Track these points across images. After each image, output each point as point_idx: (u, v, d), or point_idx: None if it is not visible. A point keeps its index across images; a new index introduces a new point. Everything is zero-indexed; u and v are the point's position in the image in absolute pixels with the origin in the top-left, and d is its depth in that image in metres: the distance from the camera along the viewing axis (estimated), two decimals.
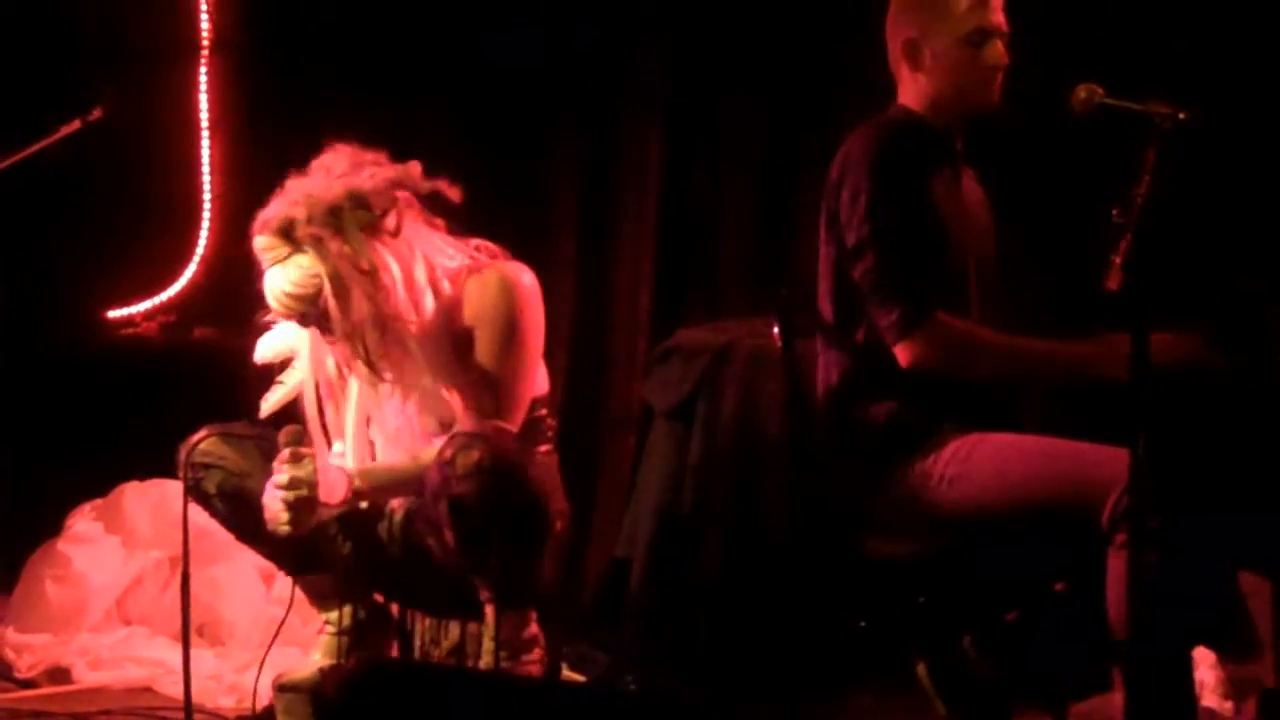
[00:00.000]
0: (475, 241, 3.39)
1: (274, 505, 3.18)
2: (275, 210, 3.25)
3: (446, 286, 3.30)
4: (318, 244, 3.20)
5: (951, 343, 3.02)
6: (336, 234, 3.21)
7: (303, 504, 3.17)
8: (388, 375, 3.31)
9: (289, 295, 3.23)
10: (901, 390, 3.07)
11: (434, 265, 3.30)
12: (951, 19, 3.13)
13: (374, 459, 3.37)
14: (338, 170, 3.27)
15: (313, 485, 3.17)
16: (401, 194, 3.28)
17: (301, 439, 3.22)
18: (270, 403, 3.39)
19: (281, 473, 3.18)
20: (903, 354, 3.03)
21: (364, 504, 3.38)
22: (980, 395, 3.07)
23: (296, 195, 3.25)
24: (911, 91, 3.20)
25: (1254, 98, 3.95)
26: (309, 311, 3.25)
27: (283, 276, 3.24)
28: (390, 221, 3.26)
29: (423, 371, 3.30)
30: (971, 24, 3.12)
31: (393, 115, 3.37)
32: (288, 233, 3.22)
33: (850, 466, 3.15)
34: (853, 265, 3.09)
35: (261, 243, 3.25)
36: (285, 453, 3.19)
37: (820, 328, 3.21)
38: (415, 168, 3.31)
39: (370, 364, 3.26)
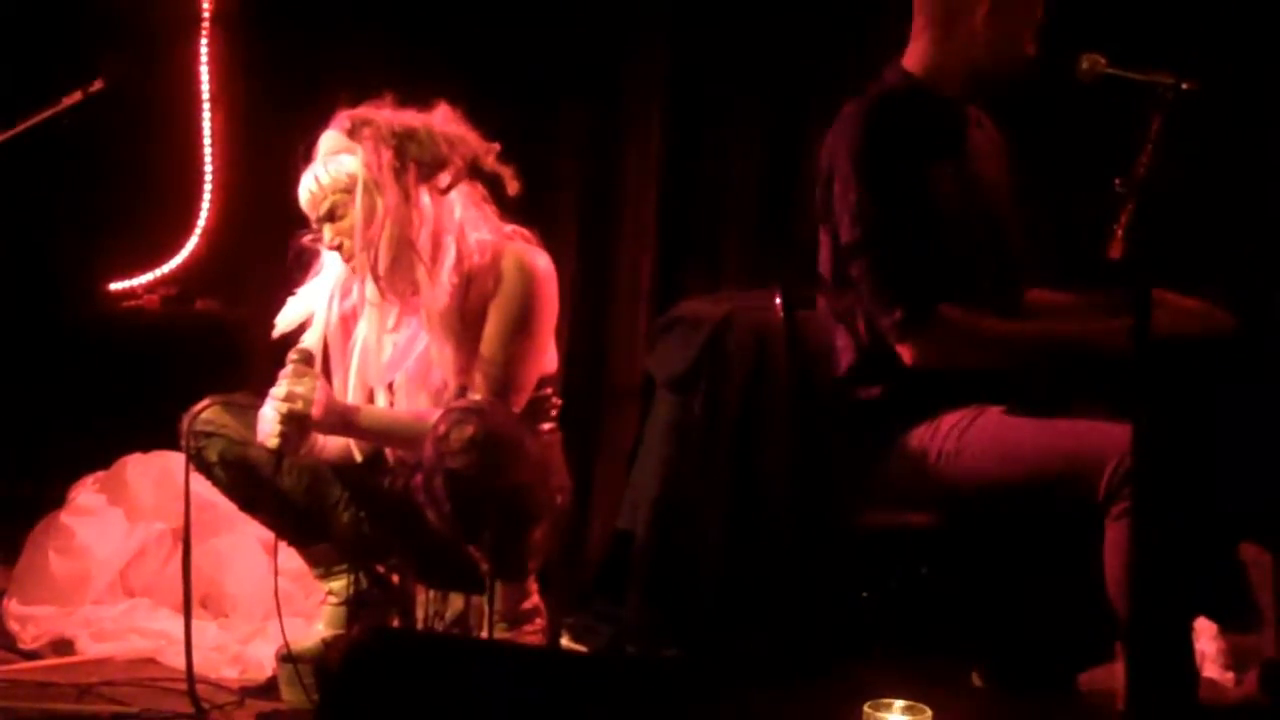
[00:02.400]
0: (512, 227, 3.40)
1: (268, 415, 3.20)
2: (359, 110, 3.33)
3: (475, 257, 3.32)
4: (373, 148, 3.26)
5: (955, 340, 3.02)
6: (393, 152, 3.26)
7: (296, 418, 3.19)
8: (393, 300, 3.34)
9: (319, 182, 3.30)
10: (903, 370, 3.07)
11: (466, 235, 3.33)
12: None
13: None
14: (436, 118, 3.33)
15: (309, 402, 3.19)
16: (467, 163, 3.32)
17: (309, 359, 3.25)
18: (284, 323, 3.40)
19: (281, 385, 3.20)
20: (906, 354, 3.03)
21: (360, 457, 3.40)
22: (978, 375, 3.07)
23: (384, 109, 3.32)
24: (932, 48, 3.17)
25: (1256, 66, 3.94)
26: (329, 205, 3.30)
27: (323, 166, 3.31)
28: (444, 178, 3.30)
29: (428, 320, 3.31)
30: None
31: (395, 87, 3.36)
32: (355, 130, 3.29)
33: (851, 439, 3.15)
34: (849, 263, 3.08)
35: (327, 134, 3.33)
36: (289, 367, 3.23)
37: (833, 312, 3.21)
38: (494, 147, 3.36)
39: (378, 280, 3.29)
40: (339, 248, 3.33)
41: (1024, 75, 3.15)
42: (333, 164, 3.30)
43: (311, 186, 3.32)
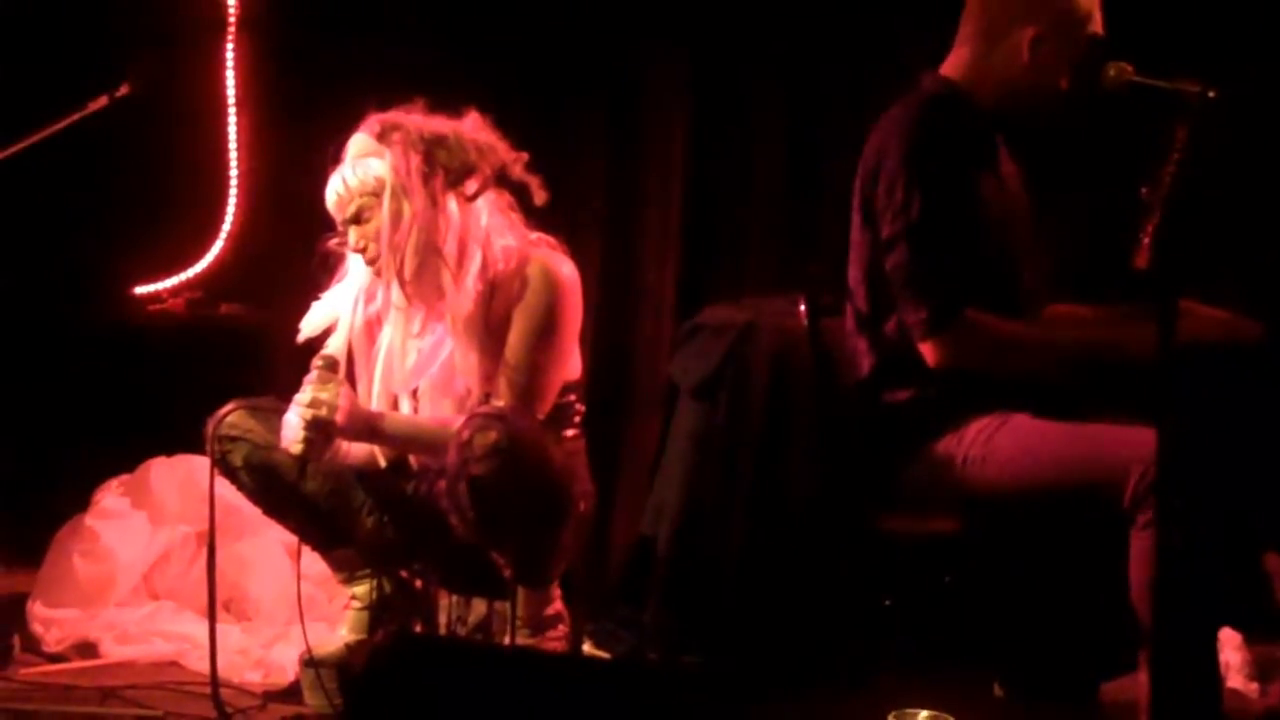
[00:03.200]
0: (537, 235, 3.40)
1: (292, 421, 3.21)
2: (389, 114, 3.33)
3: (500, 264, 3.32)
4: (402, 153, 3.27)
5: (978, 343, 3.02)
6: (421, 157, 3.27)
7: (320, 425, 3.20)
8: (419, 305, 3.34)
9: (346, 184, 3.30)
10: (928, 374, 3.06)
11: (491, 243, 3.33)
12: (1078, 24, 3.13)
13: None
14: (466, 125, 3.34)
15: (333, 408, 3.20)
16: (495, 171, 3.33)
17: (333, 365, 3.26)
18: (308, 327, 3.41)
19: (306, 391, 3.21)
20: (929, 353, 3.03)
21: (384, 462, 3.40)
22: (1004, 382, 3.07)
23: (414, 114, 3.33)
24: (974, 59, 3.17)
25: None
26: (356, 208, 3.30)
27: (351, 169, 3.31)
28: (471, 185, 3.31)
29: (452, 326, 3.31)
30: (1090, 30, 3.14)
31: (419, 90, 3.36)
32: (384, 135, 3.30)
33: (875, 446, 3.15)
34: (885, 257, 3.08)
35: (356, 137, 3.34)
36: (314, 373, 3.23)
37: (854, 314, 3.21)
38: (523, 156, 3.36)
39: (403, 285, 3.29)
40: (363, 250, 3.33)
41: (1054, 109, 3.15)
42: (361, 167, 3.31)
43: (339, 188, 3.32)
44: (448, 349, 3.36)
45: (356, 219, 3.32)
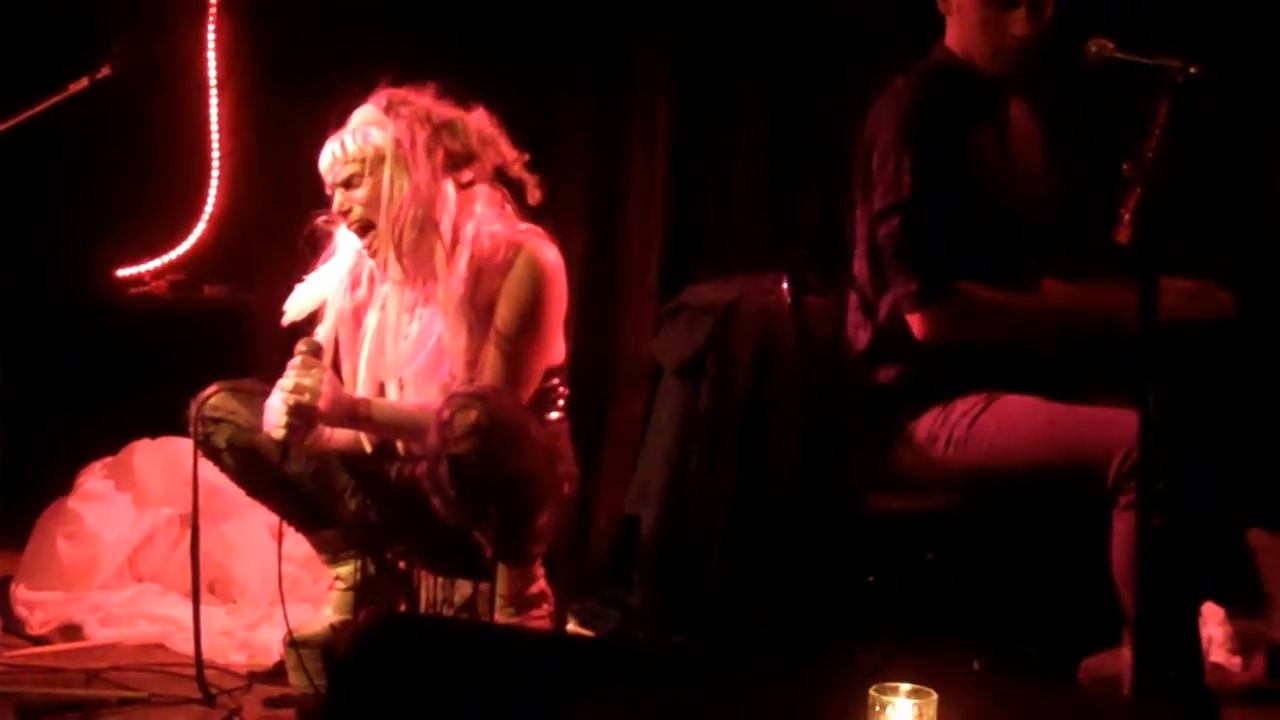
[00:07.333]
0: (526, 226, 3.40)
1: (275, 406, 3.20)
2: (401, 90, 3.35)
3: (487, 250, 3.32)
4: (407, 127, 3.28)
5: (966, 316, 3.02)
6: (428, 134, 3.28)
7: (303, 410, 3.19)
8: (414, 281, 3.34)
9: (344, 148, 3.31)
10: (918, 351, 3.07)
11: (481, 230, 3.33)
12: None
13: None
14: (472, 116, 3.35)
15: (316, 394, 3.20)
16: (494, 165, 3.35)
17: (317, 351, 3.25)
18: (293, 309, 3.41)
19: (289, 376, 3.20)
20: (916, 324, 3.03)
21: (369, 447, 3.41)
22: (993, 360, 3.07)
23: (424, 95, 3.34)
24: (955, 29, 3.17)
25: (1264, 50, 3.93)
26: (348, 173, 3.30)
27: (351, 135, 3.32)
28: (468, 173, 3.32)
29: (444, 308, 3.31)
30: None
31: (401, 71, 3.36)
32: (391, 108, 3.31)
33: (860, 423, 3.15)
34: (878, 228, 3.08)
35: (363, 107, 3.35)
36: (297, 359, 3.23)
37: (854, 288, 3.21)
38: (523, 156, 3.39)
39: (400, 259, 3.29)
40: (348, 213, 3.33)
41: (1020, 56, 3.11)
42: (360, 134, 3.32)
43: (335, 150, 3.33)
44: (436, 335, 3.35)
45: (347, 183, 3.32)
